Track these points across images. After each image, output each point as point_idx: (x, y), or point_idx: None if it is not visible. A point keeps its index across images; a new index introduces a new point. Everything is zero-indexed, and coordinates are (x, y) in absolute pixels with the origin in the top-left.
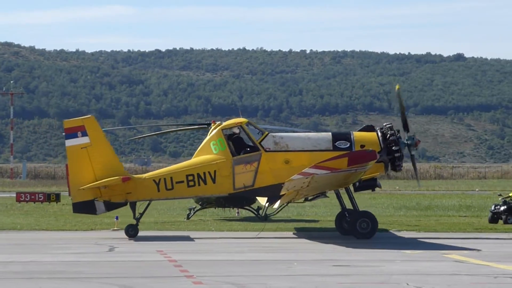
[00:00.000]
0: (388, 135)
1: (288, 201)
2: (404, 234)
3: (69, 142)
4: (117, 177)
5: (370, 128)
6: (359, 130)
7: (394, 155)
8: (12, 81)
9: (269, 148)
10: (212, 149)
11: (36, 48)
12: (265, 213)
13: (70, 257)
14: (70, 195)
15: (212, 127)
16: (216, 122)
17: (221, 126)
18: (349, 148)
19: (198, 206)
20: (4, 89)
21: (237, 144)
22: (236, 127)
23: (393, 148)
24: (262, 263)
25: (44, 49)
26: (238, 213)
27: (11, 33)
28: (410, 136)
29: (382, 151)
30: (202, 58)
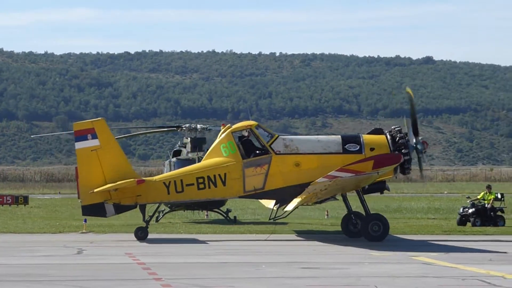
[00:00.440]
0: (397, 138)
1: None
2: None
3: (79, 145)
4: (132, 179)
5: (379, 131)
6: (367, 133)
7: (404, 158)
8: None
9: (279, 151)
10: (222, 152)
11: (4, 50)
12: (276, 216)
13: (38, 260)
14: (79, 197)
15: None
16: (226, 124)
17: (230, 128)
18: (359, 151)
19: (167, 209)
20: None
21: (246, 146)
22: (245, 129)
23: (402, 151)
24: (230, 265)
25: (13, 51)
26: (207, 215)
27: None
28: (419, 139)
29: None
30: (171, 60)
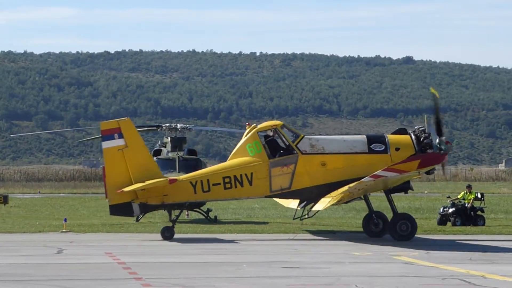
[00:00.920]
0: (422, 138)
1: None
2: (353, 236)
3: (106, 144)
4: (164, 179)
5: (403, 131)
6: (392, 133)
7: None
8: None
9: (305, 151)
10: (248, 152)
11: None
12: (303, 214)
13: (17, 259)
14: (107, 197)
15: (247, 129)
16: (251, 124)
17: (256, 128)
18: (385, 151)
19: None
20: None
21: (271, 146)
22: (271, 129)
23: (427, 151)
24: (211, 265)
25: None
26: (187, 215)
27: None
28: (442, 139)
29: (417, 153)
30: (151, 60)
